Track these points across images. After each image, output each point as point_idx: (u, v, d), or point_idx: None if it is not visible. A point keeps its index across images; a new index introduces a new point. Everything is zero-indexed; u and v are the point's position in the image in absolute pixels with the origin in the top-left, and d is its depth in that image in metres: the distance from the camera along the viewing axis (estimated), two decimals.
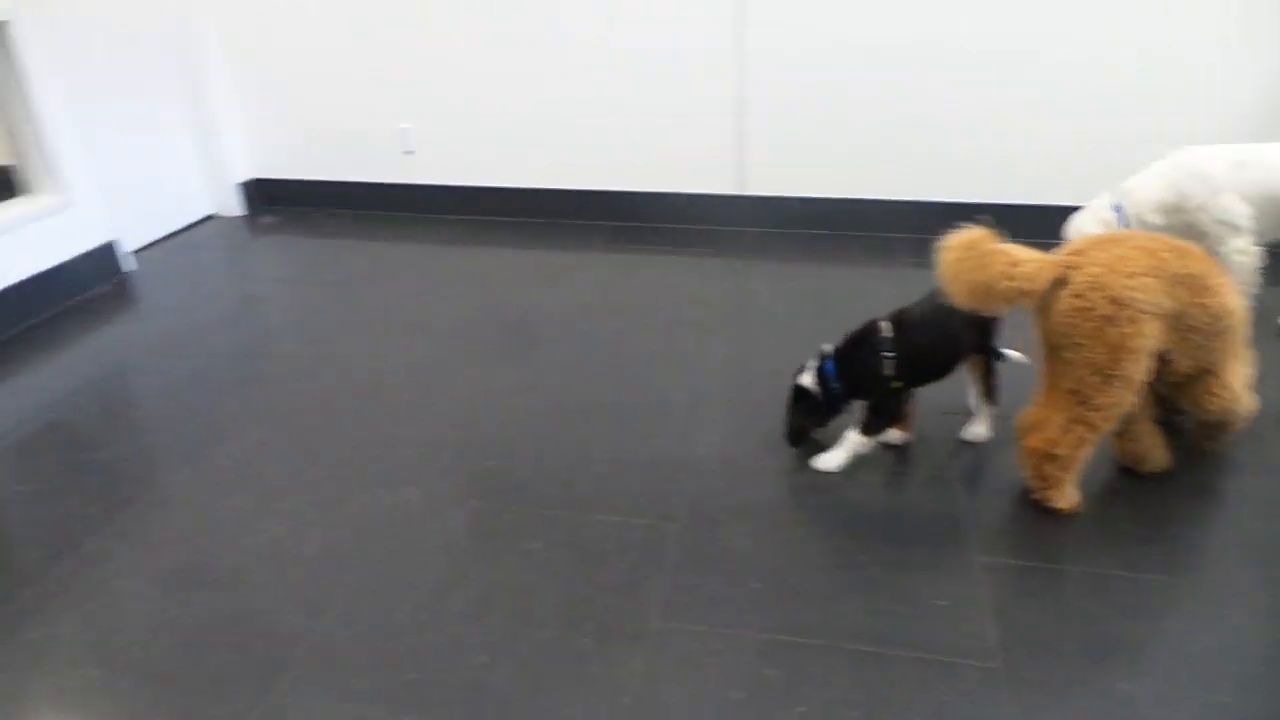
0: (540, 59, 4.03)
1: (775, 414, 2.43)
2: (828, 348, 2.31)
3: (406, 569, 2.03)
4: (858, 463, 2.32)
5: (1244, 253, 2.78)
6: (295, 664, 1.77)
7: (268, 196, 4.67)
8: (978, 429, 2.41)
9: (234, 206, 4.59)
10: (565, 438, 2.51)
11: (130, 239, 3.93)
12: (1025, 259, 1.97)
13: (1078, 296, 1.93)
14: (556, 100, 4.09)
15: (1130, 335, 1.91)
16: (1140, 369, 1.95)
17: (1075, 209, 3.07)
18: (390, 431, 2.58)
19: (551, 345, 3.07)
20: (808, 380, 2.31)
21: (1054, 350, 2.02)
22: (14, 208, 3.42)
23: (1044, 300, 1.99)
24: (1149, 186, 2.87)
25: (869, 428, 2.29)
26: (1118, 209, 2.92)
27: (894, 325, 2.24)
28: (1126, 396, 1.98)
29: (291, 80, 4.38)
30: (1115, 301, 1.90)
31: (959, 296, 1.99)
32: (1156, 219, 2.85)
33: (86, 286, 3.61)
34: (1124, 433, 2.20)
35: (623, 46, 3.92)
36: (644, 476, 2.32)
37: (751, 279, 3.64)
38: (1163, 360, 2.03)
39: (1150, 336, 1.93)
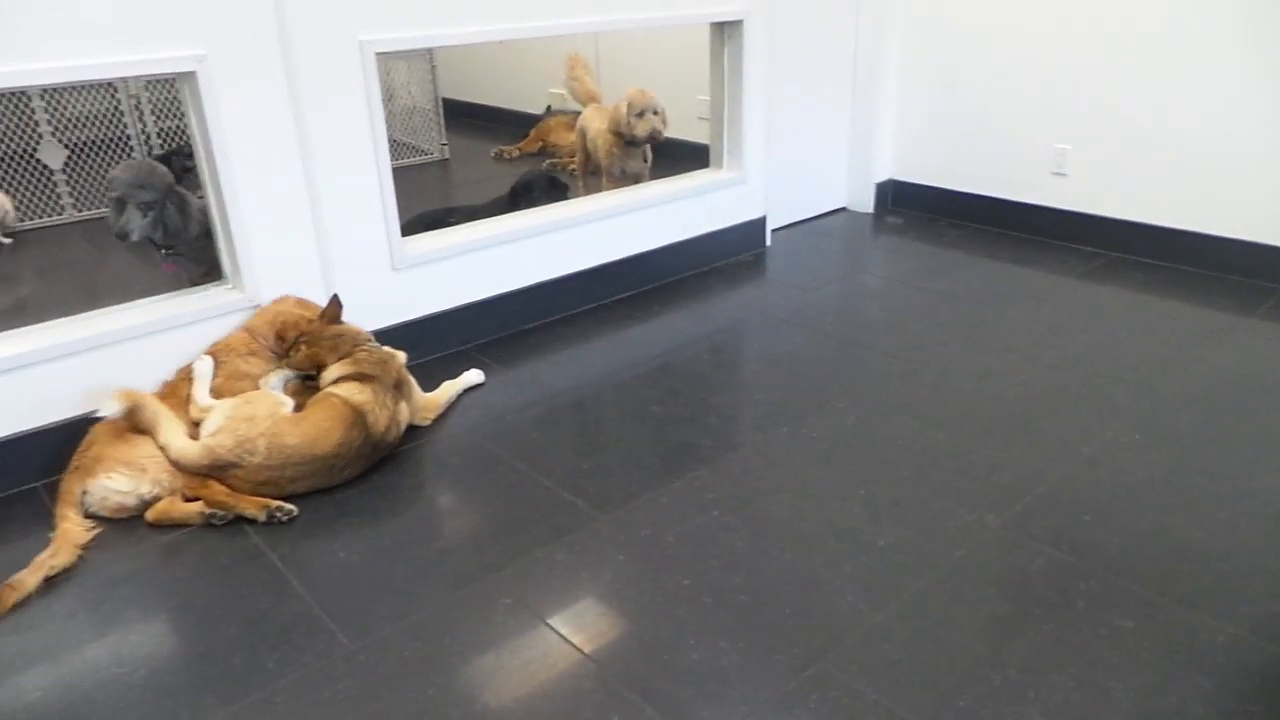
0: (1230, 92, 3.52)
1: None
2: None
3: (970, 592, 1.96)
4: None
5: None
6: (848, 647, 1.82)
7: (898, 198, 4.82)
8: None
9: (866, 203, 4.82)
10: (1184, 516, 2.19)
11: (772, 218, 4.35)
12: None
13: None
14: (1243, 140, 3.54)
15: None
16: None
17: None
18: (980, 451, 2.50)
19: (1177, 408, 2.69)
20: None
21: None
22: (705, 176, 4.01)
23: None
24: None
25: None
26: None
27: None
28: None
29: (954, 88, 4.43)
30: None
31: None
32: None
33: (735, 253, 4.10)
34: None
35: None
36: None
37: None
38: None
39: None
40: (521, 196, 3.98)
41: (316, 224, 2.80)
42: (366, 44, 2.74)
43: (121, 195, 2.81)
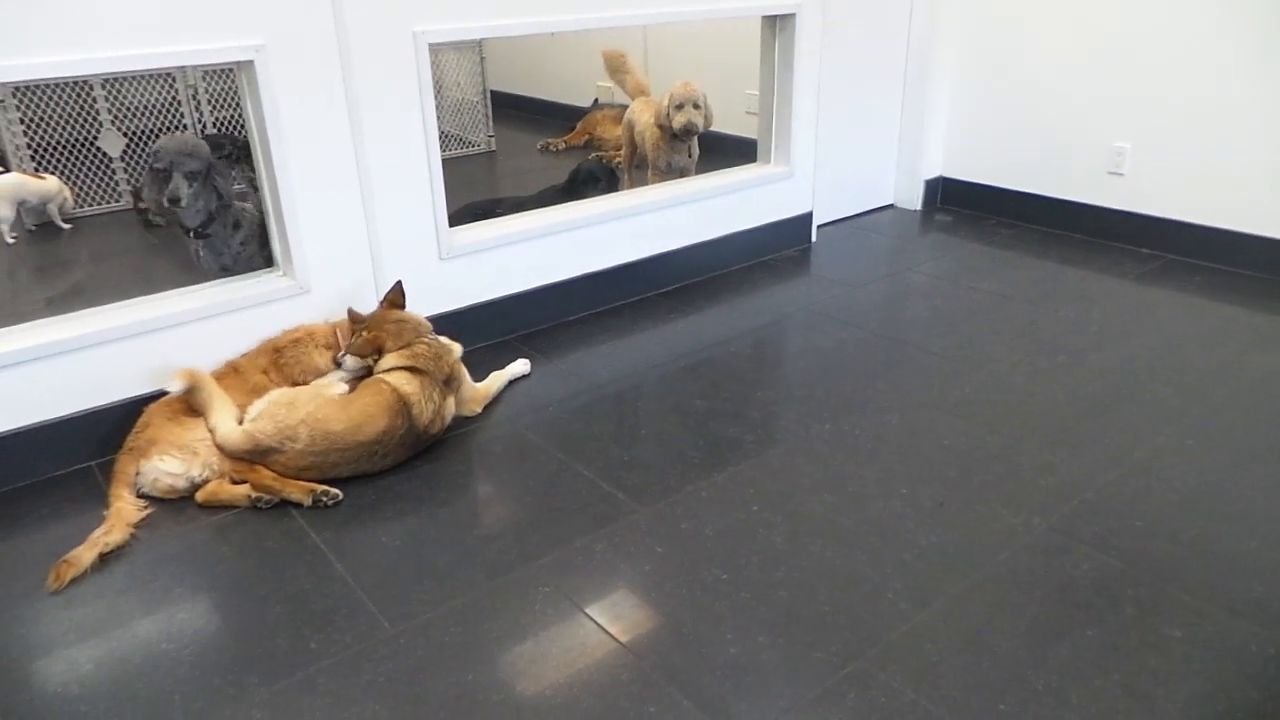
0: None
1: None
2: None
3: (1013, 595, 1.93)
4: None
5: None
6: (887, 646, 1.80)
7: (948, 196, 4.75)
8: None
9: (914, 200, 4.76)
10: (1235, 525, 2.14)
11: (819, 214, 4.31)
12: None
13: None
14: None
15: None
16: None
17: None
18: (1027, 454, 2.46)
19: (1232, 416, 2.62)
20: None
21: None
22: (753, 170, 3.99)
23: None
24: None
25: None
26: None
27: None
28: None
29: (1008, 85, 4.36)
30: None
31: None
32: None
33: (780, 248, 4.08)
34: None
35: None
36: None
37: None
38: None
39: None
40: (583, 185, 3.99)
41: (367, 213, 2.83)
42: (420, 35, 2.77)
43: (169, 164, 2.84)
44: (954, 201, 4.74)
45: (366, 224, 2.85)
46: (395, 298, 2.69)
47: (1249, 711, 1.63)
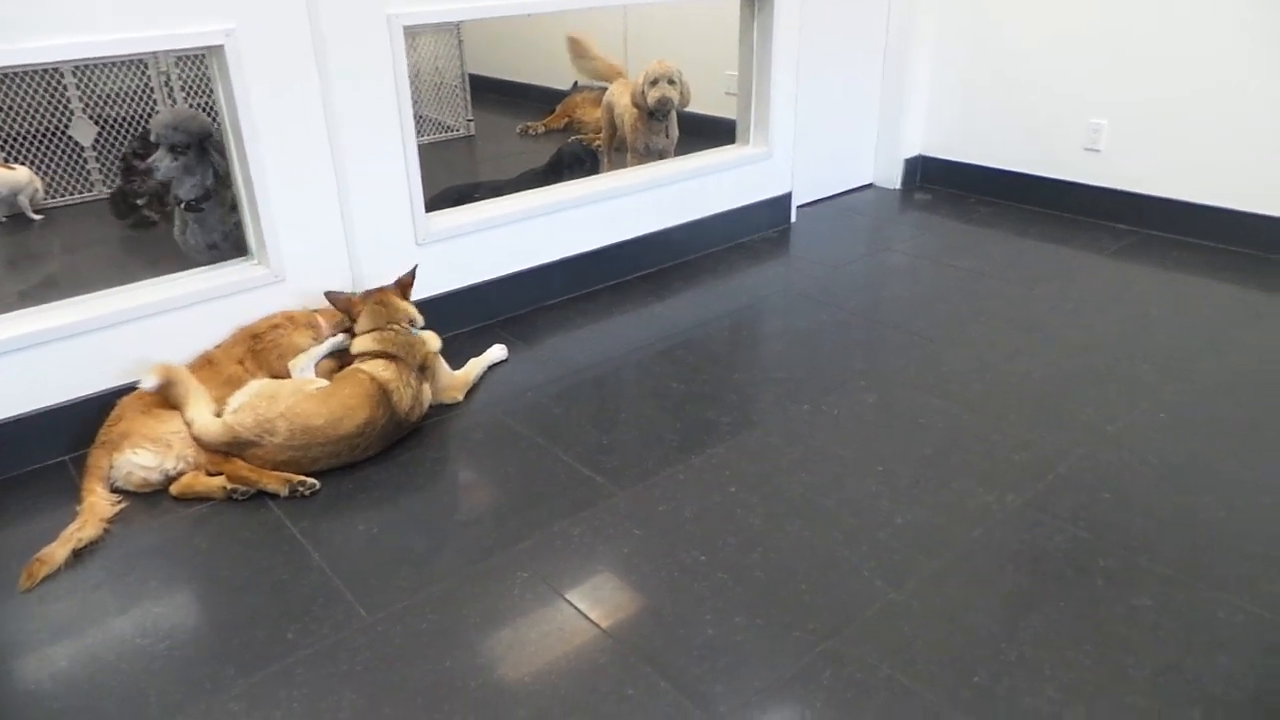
0: (1273, 67, 3.43)
1: None
2: None
3: (987, 570, 1.94)
4: None
5: None
6: (863, 624, 1.81)
7: (928, 174, 4.75)
8: None
9: (894, 179, 4.76)
10: (1208, 498, 2.16)
11: (798, 195, 4.30)
12: None
13: None
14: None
15: None
16: None
17: None
18: (1003, 431, 2.47)
19: (1208, 390, 2.65)
20: None
21: None
22: (731, 152, 3.98)
23: None
24: None
25: None
26: None
27: None
28: None
29: (987, 63, 4.35)
30: None
31: None
32: None
33: (759, 229, 4.07)
34: None
35: None
36: None
37: None
38: None
39: None
40: (567, 168, 3.97)
41: (342, 198, 2.81)
42: (394, 18, 2.74)
43: (156, 136, 2.86)
44: (934, 180, 4.75)
45: (341, 209, 2.82)
46: (406, 280, 2.73)
47: (1219, 678, 1.65)
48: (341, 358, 2.64)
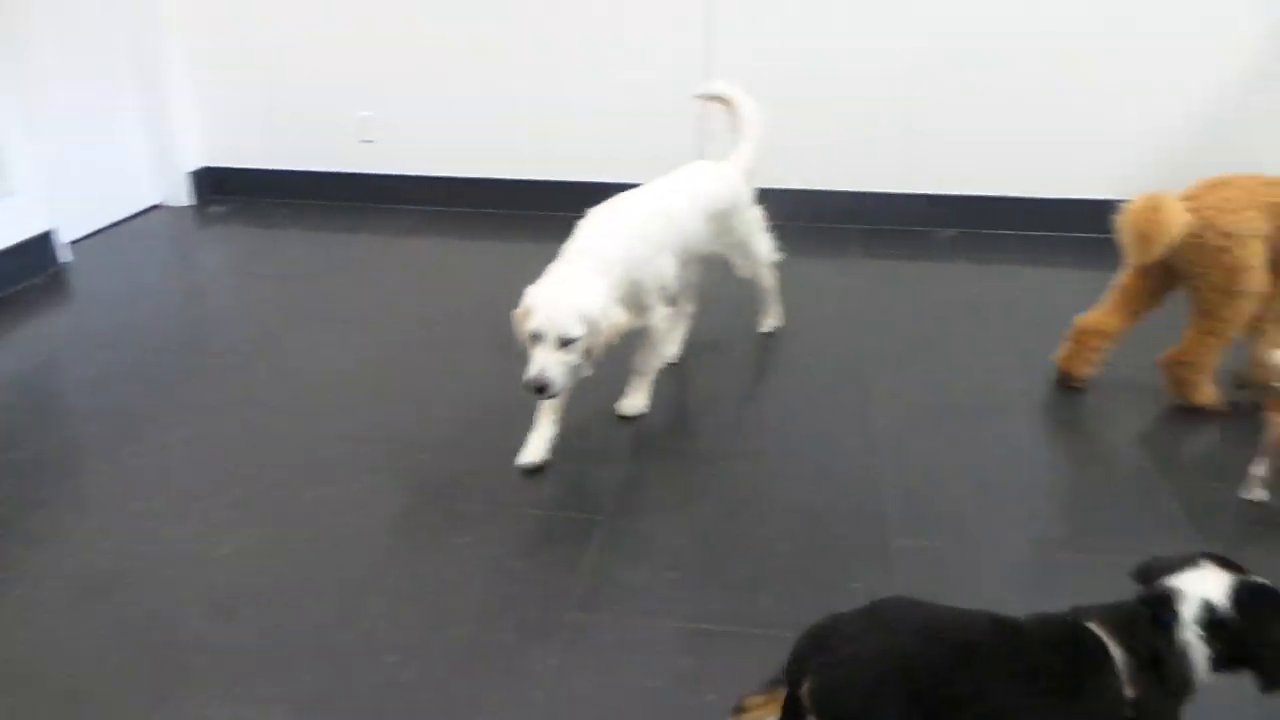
0: (509, 48, 3.97)
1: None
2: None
3: (325, 569, 1.96)
4: (785, 458, 2.27)
5: None
6: (198, 671, 1.70)
7: (218, 186, 4.54)
8: None
9: (182, 196, 4.46)
10: (510, 433, 2.43)
11: (70, 229, 3.79)
12: None
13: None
14: (521, 90, 4.03)
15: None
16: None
17: None
18: (322, 427, 2.50)
19: (508, 340, 2.99)
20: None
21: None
22: None
23: None
24: None
25: None
26: None
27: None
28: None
29: (248, 65, 4.28)
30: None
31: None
32: None
33: (18, 279, 3.46)
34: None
35: (588, 34, 3.86)
36: (578, 471, 2.27)
37: None
38: None
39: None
40: None
41: None
42: None
43: None
44: (228, 190, 4.55)
45: None
46: None
47: (546, 585, 1.89)
48: None
